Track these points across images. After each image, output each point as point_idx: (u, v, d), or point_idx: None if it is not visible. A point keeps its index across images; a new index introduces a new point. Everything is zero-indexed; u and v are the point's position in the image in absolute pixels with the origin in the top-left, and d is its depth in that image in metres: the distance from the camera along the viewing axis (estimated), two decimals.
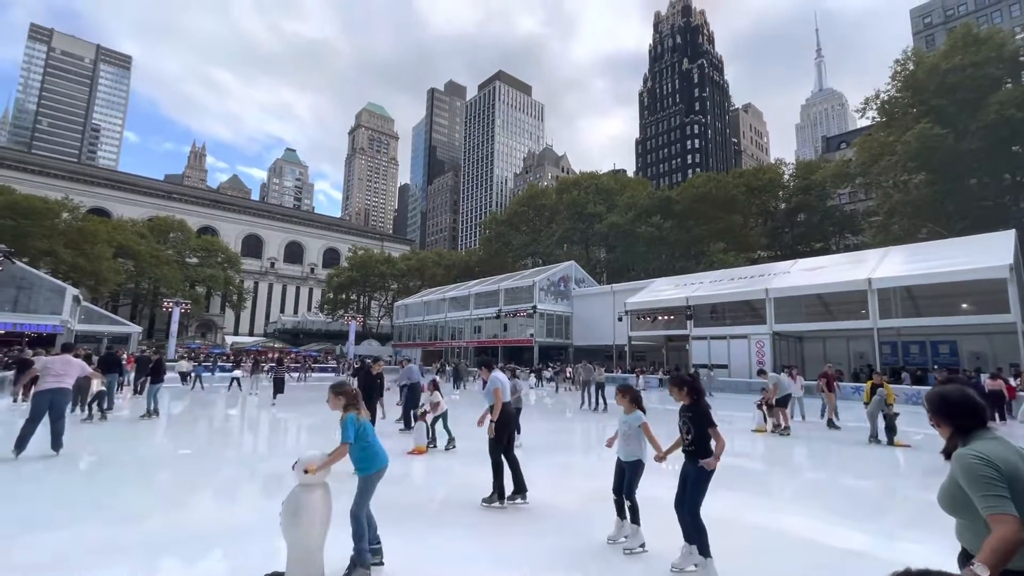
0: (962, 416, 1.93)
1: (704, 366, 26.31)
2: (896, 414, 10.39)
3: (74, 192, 61.69)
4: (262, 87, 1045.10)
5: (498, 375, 5.95)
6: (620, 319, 32.98)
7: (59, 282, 33.59)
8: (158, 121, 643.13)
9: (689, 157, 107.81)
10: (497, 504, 5.44)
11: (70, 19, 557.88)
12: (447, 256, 76.67)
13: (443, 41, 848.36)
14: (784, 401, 11.77)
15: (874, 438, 10.49)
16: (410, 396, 10.96)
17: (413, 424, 10.94)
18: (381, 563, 3.75)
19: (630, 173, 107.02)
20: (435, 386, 9.30)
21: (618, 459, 4.53)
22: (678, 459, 4.09)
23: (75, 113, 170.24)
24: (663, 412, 17.23)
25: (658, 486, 5.24)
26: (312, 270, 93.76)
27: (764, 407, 12.23)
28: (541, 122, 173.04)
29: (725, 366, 26.64)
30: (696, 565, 3.75)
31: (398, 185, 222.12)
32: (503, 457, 5.60)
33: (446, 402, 9.53)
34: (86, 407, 11.61)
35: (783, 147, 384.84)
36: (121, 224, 55.98)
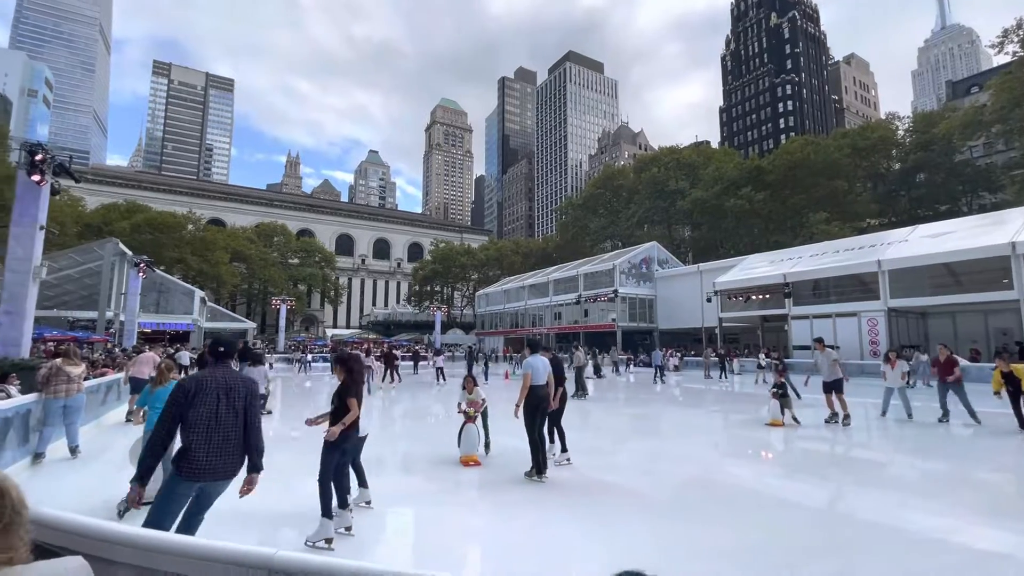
0: None
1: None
2: None
3: (195, 206, 69.96)
4: (337, 93, 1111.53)
5: (533, 359, 6.33)
6: (709, 300, 31.32)
7: (189, 286, 38.44)
8: (249, 134, 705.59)
9: (781, 121, 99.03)
10: (536, 478, 5.93)
11: (174, 49, 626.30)
12: (524, 244, 77.12)
13: (505, 29, 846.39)
14: (838, 386, 10.15)
15: None
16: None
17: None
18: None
19: (714, 144, 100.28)
20: (472, 383, 7.52)
21: None
22: None
23: (192, 135, 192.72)
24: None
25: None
26: (399, 264, 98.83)
27: (778, 395, 10.16)
28: (615, 99, 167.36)
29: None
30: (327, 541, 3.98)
31: (474, 177, 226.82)
32: (535, 435, 6.10)
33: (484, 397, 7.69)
34: None
35: (896, 100, 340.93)
36: (234, 232, 62.67)
